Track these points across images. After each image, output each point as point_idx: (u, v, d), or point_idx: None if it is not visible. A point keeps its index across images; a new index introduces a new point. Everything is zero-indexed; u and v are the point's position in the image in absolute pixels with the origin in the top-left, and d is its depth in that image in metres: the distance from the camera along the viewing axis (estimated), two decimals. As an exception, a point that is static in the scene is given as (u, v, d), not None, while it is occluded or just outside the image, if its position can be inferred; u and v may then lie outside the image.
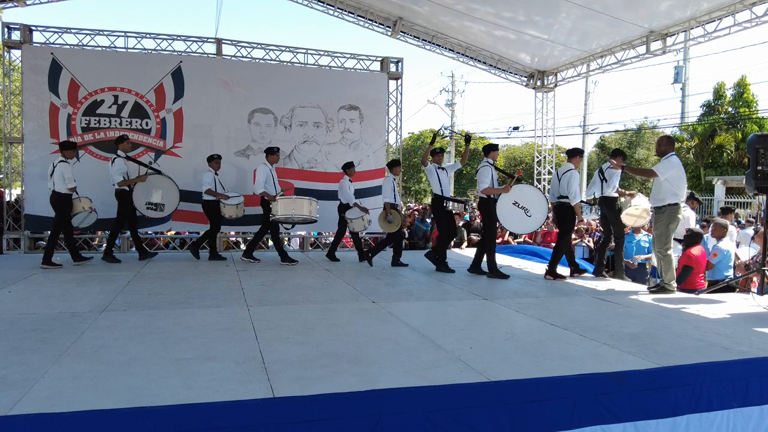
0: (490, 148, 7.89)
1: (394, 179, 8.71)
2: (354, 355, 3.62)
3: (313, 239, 11.24)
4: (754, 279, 7.16)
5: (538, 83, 13.32)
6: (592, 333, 4.38)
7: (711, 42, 9.84)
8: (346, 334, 4.22)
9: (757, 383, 3.59)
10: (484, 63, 12.76)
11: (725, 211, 9.92)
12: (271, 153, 8.69)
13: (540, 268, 8.48)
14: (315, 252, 10.65)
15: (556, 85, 13.24)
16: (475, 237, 11.71)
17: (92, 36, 9.65)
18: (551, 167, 13.95)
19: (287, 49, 10.65)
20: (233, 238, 11.08)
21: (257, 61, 10.47)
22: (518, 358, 3.64)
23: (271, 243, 10.40)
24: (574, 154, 7.74)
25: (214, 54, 10.20)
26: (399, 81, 11.21)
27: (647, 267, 9.06)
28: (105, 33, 9.71)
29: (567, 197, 7.40)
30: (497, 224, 7.81)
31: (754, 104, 28.87)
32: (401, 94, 11.29)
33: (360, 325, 4.56)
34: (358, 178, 9.89)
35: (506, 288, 6.59)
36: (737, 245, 8.55)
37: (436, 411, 2.85)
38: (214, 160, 8.85)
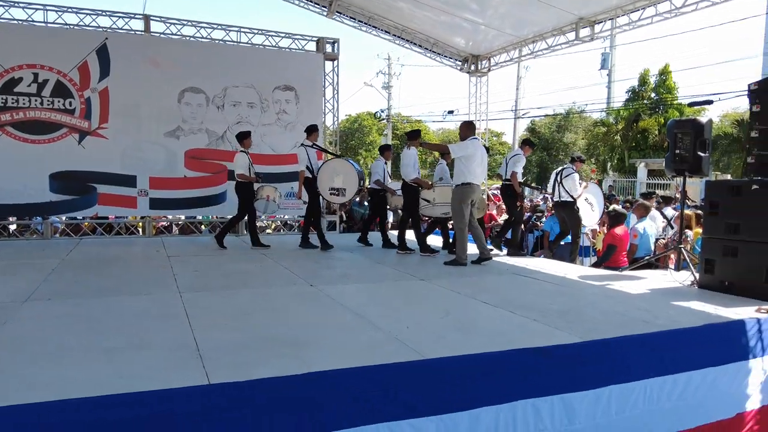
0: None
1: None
2: (292, 339, 3.61)
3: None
4: (672, 256, 7.62)
5: (472, 67, 13.49)
6: (523, 310, 4.54)
7: (636, 30, 10.31)
8: (283, 319, 4.20)
9: (672, 354, 3.85)
10: (420, 46, 12.81)
11: (646, 196, 10.51)
12: (245, 137, 8.29)
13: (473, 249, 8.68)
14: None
15: (489, 70, 13.47)
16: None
17: (6, 8, 9.00)
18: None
19: (219, 27, 10.31)
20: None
21: (188, 38, 10.09)
22: (453, 336, 3.75)
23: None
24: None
25: (141, 31, 9.74)
26: (335, 62, 11.09)
27: (568, 246, 9.44)
28: (21, 5, 9.07)
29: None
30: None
31: (675, 91, 30.47)
32: (338, 76, 11.18)
33: (298, 309, 4.55)
34: (293, 161, 9.68)
35: (442, 269, 6.72)
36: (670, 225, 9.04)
37: (372, 391, 2.90)
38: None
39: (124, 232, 10.16)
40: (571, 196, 8.06)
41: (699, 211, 8.18)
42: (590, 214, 8.58)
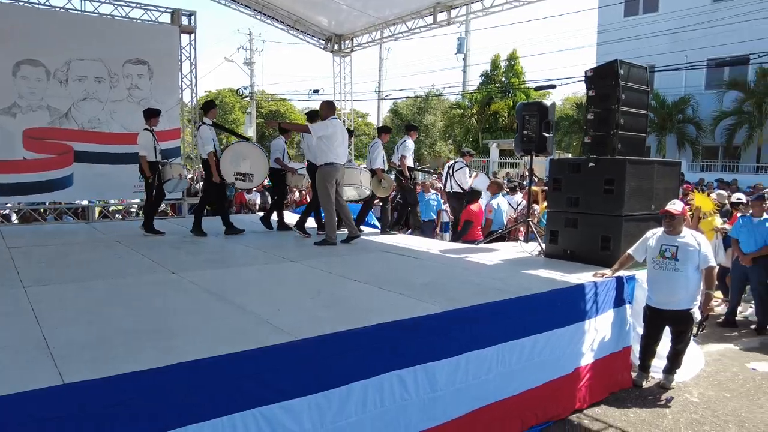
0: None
1: (383, 144, 8.53)
2: (156, 329, 3.44)
3: (100, 208, 10.24)
4: (521, 229, 8.28)
5: (336, 47, 13.49)
6: (390, 285, 4.71)
7: (489, 16, 10.92)
8: (145, 309, 3.97)
9: (522, 318, 4.23)
10: (282, 23, 12.54)
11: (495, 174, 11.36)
12: (153, 115, 7.64)
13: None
14: (104, 222, 9.72)
15: (352, 50, 13.56)
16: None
17: None
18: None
19: (59, -7, 9.29)
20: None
21: (22, 4, 8.97)
22: (324, 315, 3.80)
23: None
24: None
25: (-40, -7, 8.49)
26: (192, 35, 10.50)
27: (435, 223, 9.96)
28: None
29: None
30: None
31: (523, 75, 32.86)
32: (195, 50, 10.61)
33: (160, 298, 4.32)
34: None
35: (313, 250, 6.73)
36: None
37: (243, 377, 2.86)
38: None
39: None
40: (461, 188, 8.56)
41: (545, 187, 8.97)
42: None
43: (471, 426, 3.79)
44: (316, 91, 26.05)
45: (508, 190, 9.68)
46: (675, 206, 4.89)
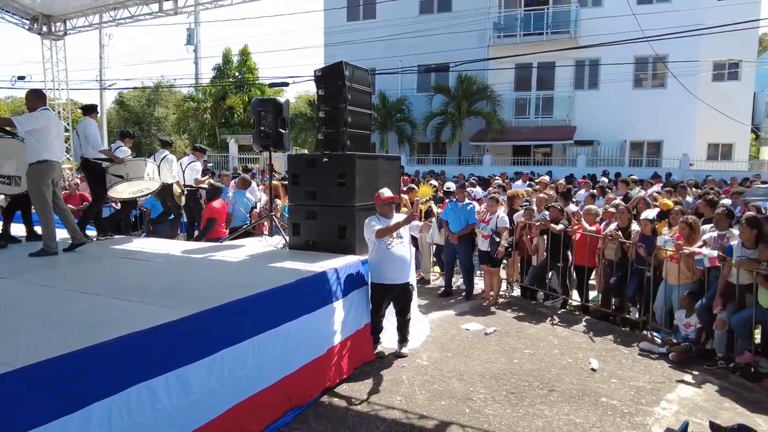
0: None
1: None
2: None
3: None
4: (265, 224, 8.40)
5: (45, 29, 11.77)
6: (127, 293, 4.34)
7: (219, 9, 10.73)
8: None
9: (273, 310, 4.33)
10: (-32, -5, 10.48)
11: (246, 170, 11.27)
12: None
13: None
14: None
15: (66, 33, 12.06)
16: None
17: None
18: (67, 123, 12.78)
19: None
20: None
21: None
22: (55, 335, 3.34)
23: None
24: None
25: None
26: None
27: (169, 224, 9.45)
28: None
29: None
30: None
31: (256, 71, 33.02)
32: None
33: None
34: None
35: (27, 262, 5.73)
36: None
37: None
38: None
39: None
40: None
41: (285, 182, 9.23)
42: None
43: (227, 425, 3.76)
44: (21, 78, 22.11)
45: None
46: (388, 193, 5.61)
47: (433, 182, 11.76)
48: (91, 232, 7.29)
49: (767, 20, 22.18)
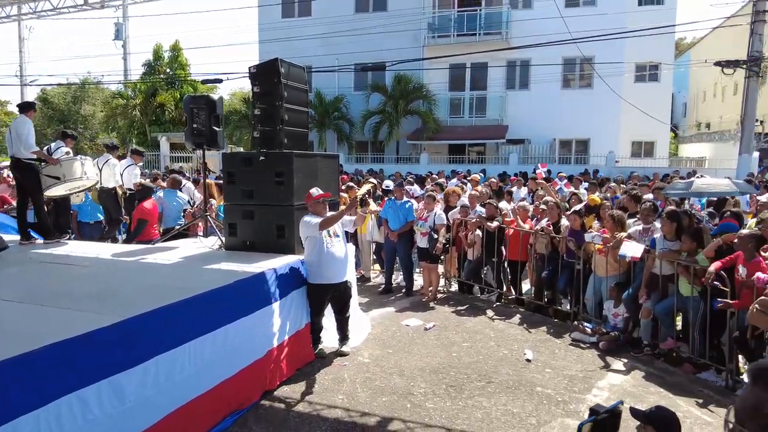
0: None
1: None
2: None
3: None
4: (200, 224, 8.19)
5: (-48, 19, 11.03)
6: (54, 300, 4.14)
7: (149, 3, 10.36)
8: None
9: (208, 313, 4.23)
10: None
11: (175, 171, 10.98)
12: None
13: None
14: None
15: (-23, 25, 11.28)
16: None
17: None
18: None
19: None
20: None
21: None
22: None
23: None
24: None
25: None
26: None
27: (103, 224, 9.08)
28: None
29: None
30: None
31: (188, 67, 32.03)
32: None
33: None
34: None
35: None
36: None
37: None
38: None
39: None
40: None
41: (220, 181, 9.02)
42: None
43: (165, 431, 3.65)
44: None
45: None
46: (318, 192, 5.56)
47: (372, 180, 11.80)
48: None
49: (682, 26, 23.52)
